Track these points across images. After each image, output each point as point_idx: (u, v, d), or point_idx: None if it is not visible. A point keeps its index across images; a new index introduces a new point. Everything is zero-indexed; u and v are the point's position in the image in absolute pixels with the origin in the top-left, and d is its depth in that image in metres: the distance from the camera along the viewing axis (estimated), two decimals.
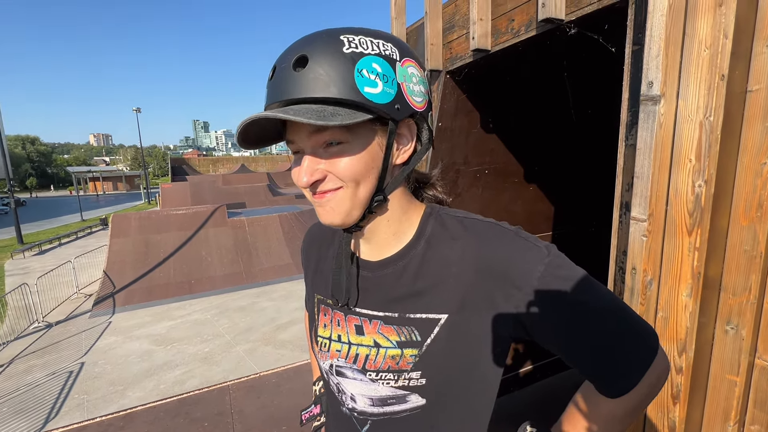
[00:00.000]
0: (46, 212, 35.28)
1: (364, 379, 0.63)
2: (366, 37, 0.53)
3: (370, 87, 0.52)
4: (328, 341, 0.68)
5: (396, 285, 0.61)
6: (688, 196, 0.99)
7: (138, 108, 38.91)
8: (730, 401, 1.14)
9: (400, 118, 0.55)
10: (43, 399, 6.04)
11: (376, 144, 0.56)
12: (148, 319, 9.03)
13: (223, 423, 2.77)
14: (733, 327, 1.10)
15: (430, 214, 0.64)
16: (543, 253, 0.56)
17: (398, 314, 0.61)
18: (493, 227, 0.60)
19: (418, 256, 0.61)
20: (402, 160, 0.59)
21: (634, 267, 1.10)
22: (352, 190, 0.56)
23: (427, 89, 0.61)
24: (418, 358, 0.59)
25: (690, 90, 0.95)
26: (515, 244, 0.57)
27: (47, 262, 13.99)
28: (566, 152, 2.66)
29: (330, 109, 0.51)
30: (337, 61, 0.51)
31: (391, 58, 0.54)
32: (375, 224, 0.62)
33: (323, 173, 0.55)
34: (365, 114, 0.52)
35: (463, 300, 0.58)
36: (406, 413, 0.62)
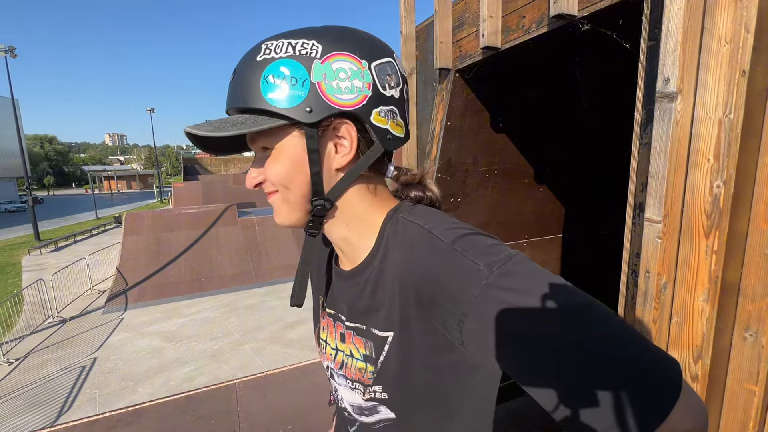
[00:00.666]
0: (62, 210, 36.13)
1: (347, 385, 0.64)
2: (287, 39, 0.52)
3: (273, 92, 0.51)
4: (325, 344, 0.70)
5: (360, 297, 0.60)
6: (706, 197, 0.95)
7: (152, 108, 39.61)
8: (748, 411, 1.10)
9: (314, 120, 0.52)
10: (57, 393, 6.17)
11: (299, 149, 0.54)
12: (159, 316, 9.17)
13: (229, 421, 2.78)
14: (752, 334, 1.06)
15: (390, 218, 0.58)
16: (481, 273, 0.45)
17: (365, 327, 0.59)
18: (428, 238, 0.51)
19: (376, 266, 0.57)
20: (342, 164, 0.56)
21: (647, 270, 1.06)
22: (284, 194, 0.57)
23: (368, 83, 0.53)
24: (375, 374, 0.58)
25: (708, 86, 0.91)
26: (447, 261, 0.48)
27: (62, 259, 14.30)
28: (578, 153, 2.61)
29: (242, 118, 0.53)
30: (250, 70, 0.53)
31: (308, 57, 0.51)
32: (333, 228, 0.60)
33: (261, 177, 0.58)
34: (274, 120, 0.52)
35: (403, 318, 0.53)
36: (381, 425, 0.61)
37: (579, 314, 0.43)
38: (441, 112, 1.99)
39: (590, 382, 0.41)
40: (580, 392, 0.42)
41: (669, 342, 1.07)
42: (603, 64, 1.97)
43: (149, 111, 40.75)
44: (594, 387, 0.41)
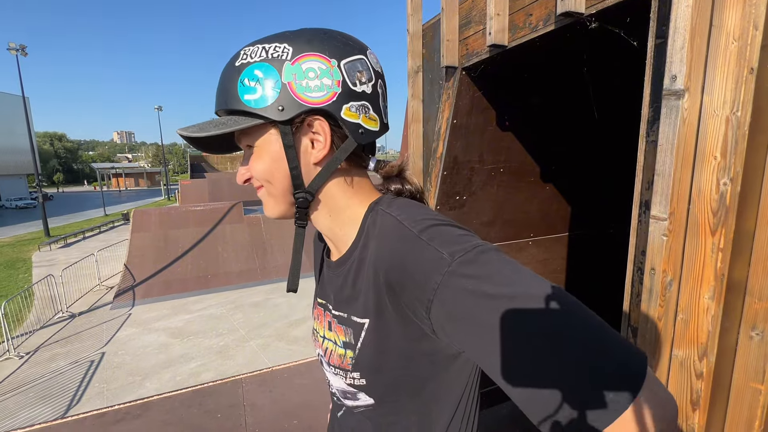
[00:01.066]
0: (71, 207, 36.58)
1: (330, 371, 0.67)
2: (261, 45, 0.57)
3: (249, 94, 0.56)
4: (316, 333, 0.74)
5: (344, 286, 0.63)
6: (712, 195, 0.95)
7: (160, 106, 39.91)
8: (753, 410, 1.09)
9: (285, 118, 0.56)
10: (66, 386, 6.28)
11: (276, 146, 0.58)
12: (166, 312, 9.28)
13: (235, 415, 2.82)
14: (758, 333, 1.05)
15: (371, 210, 0.61)
16: (443, 261, 0.46)
17: (346, 315, 0.62)
18: (397, 227, 0.54)
19: (357, 256, 0.60)
20: (317, 159, 0.59)
21: (653, 267, 1.06)
22: (268, 188, 0.61)
23: (337, 80, 0.56)
24: (354, 360, 0.60)
25: (716, 84, 0.91)
26: (413, 250, 0.50)
27: (72, 255, 14.51)
28: (584, 151, 2.60)
29: (224, 119, 0.58)
30: (229, 75, 0.58)
31: (279, 60, 0.55)
32: (318, 219, 0.65)
33: (248, 173, 0.62)
34: (251, 119, 0.56)
35: (377, 306, 0.55)
36: (362, 409, 0.64)
37: (538, 302, 0.42)
38: (447, 110, 1.99)
39: (543, 369, 0.41)
40: (532, 380, 0.42)
41: (674, 339, 1.07)
42: (610, 62, 1.96)
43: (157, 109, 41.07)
44: (548, 374, 0.41)
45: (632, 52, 1.33)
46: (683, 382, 1.07)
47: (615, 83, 2.17)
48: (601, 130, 2.48)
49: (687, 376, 1.06)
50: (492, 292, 0.44)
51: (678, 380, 1.08)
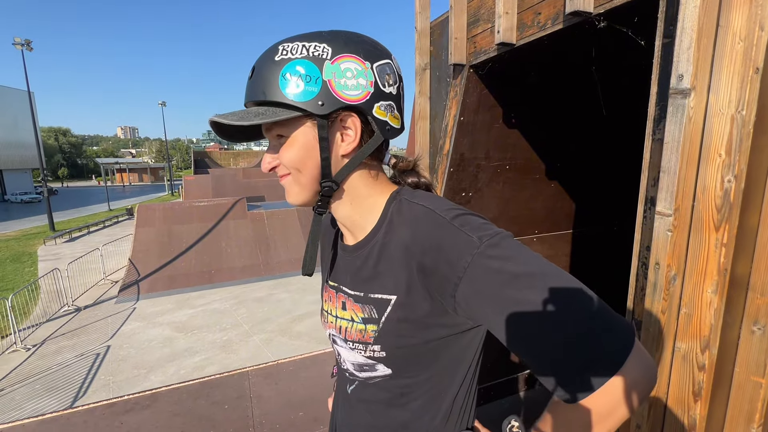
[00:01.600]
0: (76, 201, 36.79)
1: (347, 347, 0.72)
2: (301, 42, 0.60)
3: (292, 88, 0.59)
4: (327, 314, 0.78)
5: (363, 267, 0.68)
6: (717, 192, 0.97)
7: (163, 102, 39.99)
8: (754, 403, 1.12)
9: (325, 112, 0.60)
10: (72, 378, 6.36)
11: (311, 137, 0.62)
12: (170, 307, 9.36)
13: (242, 406, 2.86)
14: (760, 328, 1.08)
15: (394, 198, 0.67)
16: (473, 243, 0.54)
17: (363, 293, 0.67)
18: (429, 214, 0.60)
19: (380, 240, 0.66)
20: (347, 151, 0.64)
21: (657, 262, 1.08)
22: (295, 177, 0.65)
23: (370, 81, 0.62)
24: (377, 333, 0.65)
25: (722, 83, 0.93)
26: (446, 233, 0.57)
27: (77, 249, 14.62)
28: (589, 149, 2.62)
29: (262, 110, 0.61)
30: (269, 68, 0.61)
31: (320, 58, 0.60)
32: (339, 207, 0.69)
33: (276, 161, 0.66)
34: (291, 112, 0.60)
35: (407, 284, 0.61)
36: (378, 379, 0.69)
37: (551, 280, 0.51)
38: (454, 107, 2.01)
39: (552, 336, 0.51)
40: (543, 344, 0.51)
41: (677, 332, 1.10)
42: (617, 61, 1.97)
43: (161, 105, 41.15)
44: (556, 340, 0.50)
45: (639, 52, 1.35)
46: (685, 374, 1.10)
47: (621, 82, 2.18)
48: (606, 128, 2.49)
49: (689, 368, 1.09)
50: (515, 271, 0.52)
51: (680, 372, 1.11)
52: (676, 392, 1.12)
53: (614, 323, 0.51)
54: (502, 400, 2.71)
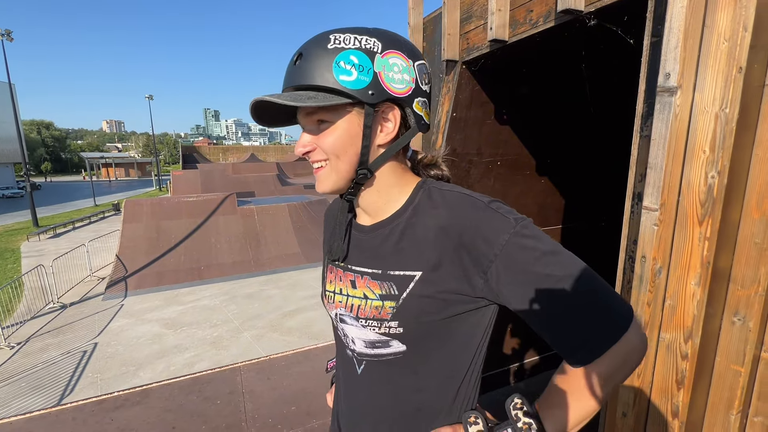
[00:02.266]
0: (60, 196, 35.97)
1: (358, 325, 0.73)
2: (351, 35, 0.64)
3: (345, 75, 0.62)
4: (333, 294, 0.79)
5: (383, 245, 0.71)
6: (701, 187, 1.00)
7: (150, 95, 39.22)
8: (734, 391, 1.16)
9: (374, 102, 0.64)
10: (59, 376, 6.26)
11: (356, 125, 0.65)
12: (159, 303, 9.24)
13: (234, 401, 2.86)
14: (740, 318, 1.12)
15: (421, 187, 0.72)
16: (510, 224, 0.61)
17: (381, 270, 0.70)
18: (468, 199, 0.66)
19: (404, 221, 0.69)
20: (384, 141, 0.68)
21: (644, 255, 1.12)
22: (333, 163, 0.67)
23: (413, 77, 0.67)
24: (395, 309, 0.68)
25: (707, 82, 0.96)
26: (484, 215, 0.62)
27: (61, 245, 14.31)
28: (579, 146, 2.66)
29: (311, 94, 0.63)
30: (321, 55, 0.63)
31: (371, 51, 0.63)
32: (367, 194, 0.72)
33: (313, 146, 0.68)
34: (341, 98, 0.63)
35: (436, 261, 0.65)
36: (391, 356, 0.71)
37: (569, 258, 0.60)
38: (447, 103, 2.03)
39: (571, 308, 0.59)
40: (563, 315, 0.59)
41: (662, 323, 1.14)
42: (607, 60, 2.01)
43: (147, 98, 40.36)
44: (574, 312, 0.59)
45: (628, 51, 1.38)
46: (669, 363, 1.14)
47: (611, 81, 2.22)
48: (596, 125, 2.53)
49: (673, 357, 1.13)
50: (544, 249, 0.60)
51: (664, 361, 1.15)
52: (660, 381, 1.16)
53: (616, 296, 0.61)
54: (493, 392, 2.76)
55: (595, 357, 0.59)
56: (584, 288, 0.59)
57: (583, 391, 0.62)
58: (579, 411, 0.63)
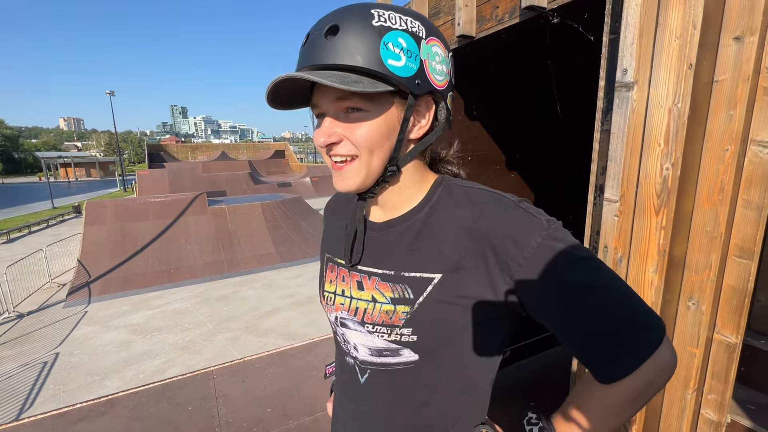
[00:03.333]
0: (13, 199, 33.72)
1: (363, 330, 0.66)
2: (395, 13, 0.56)
3: (394, 60, 0.55)
4: (333, 295, 0.72)
5: (397, 244, 0.64)
6: (656, 178, 1.05)
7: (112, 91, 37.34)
8: (690, 371, 1.23)
9: (420, 93, 0.57)
10: (16, 390, 5.89)
11: (394, 116, 0.58)
12: (126, 309, 8.86)
13: (207, 407, 2.78)
14: (694, 303, 1.19)
15: (440, 183, 0.66)
16: (542, 225, 0.55)
17: (394, 272, 0.63)
18: (495, 197, 0.60)
19: (420, 219, 0.63)
20: (417, 136, 0.62)
21: (606, 245, 1.16)
22: (367, 159, 0.59)
23: (449, 69, 0.62)
24: (409, 315, 0.61)
25: (661, 77, 1.00)
26: (515, 214, 0.57)
27: (17, 251, 13.45)
28: (546, 141, 2.73)
29: (354, 77, 0.54)
30: (366, 32, 0.54)
31: (417, 35, 0.57)
32: (387, 192, 0.66)
33: (340, 137, 0.59)
34: (386, 85, 0.55)
35: (458, 263, 0.59)
36: (400, 366, 0.64)
37: (603, 266, 0.56)
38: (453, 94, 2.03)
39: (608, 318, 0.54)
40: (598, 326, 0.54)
41: None
42: (570, 56, 2.07)
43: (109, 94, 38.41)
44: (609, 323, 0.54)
45: (589, 48, 1.42)
46: None
47: (574, 77, 2.29)
48: (561, 121, 2.61)
49: None
50: (577, 255, 0.55)
51: None
52: None
53: (651, 311, 0.56)
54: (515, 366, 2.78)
55: (628, 373, 0.54)
56: (618, 298, 0.54)
57: (610, 409, 0.57)
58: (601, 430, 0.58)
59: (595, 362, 0.56)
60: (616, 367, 0.54)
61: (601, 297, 0.53)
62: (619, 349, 0.54)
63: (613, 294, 0.54)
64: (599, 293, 0.53)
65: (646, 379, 0.54)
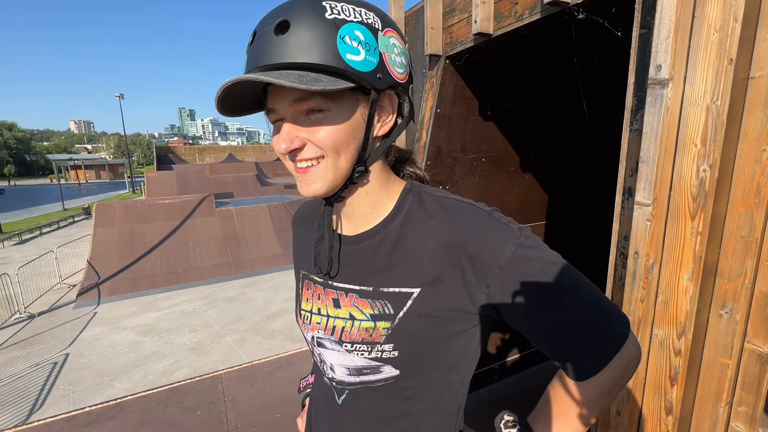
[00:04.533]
0: (25, 201, 34.26)
1: (341, 350, 0.64)
2: (348, 5, 0.53)
3: (353, 54, 0.51)
4: (310, 314, 0.70)
5: (372, 259, 0.62)
6: (692, 181, 0.99)
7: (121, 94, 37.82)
8: (722, 383, 1.17)
9: (382, 87, 0.55)
10: (27, 390, 5.93)
11: (359, 114, 0.56)
12: (135, 310, 8.91)
13: (216, 411, 2.75)
14: (727, 311, 1.12)
15: (409, 190, 0.64)
16: (515, 234, 0.56)
17: (372, 288, 0.62)
18: (468, 207, 0.60)
19: (394, 231, 0.61)
20: (383, 132, 0.60)
21: (636, 251, 1.10)
22: (334, 160, 0.56)
23: (408, 62, 0.60)
24: (390, 330, 0.60)
25: (698, 74, 0.95)
26: (488, 225, 0.57)
27: (28, 252, 13.62)
28: (561, 142, 2.67)
29: (312, 75, 0.50)
30: (320, 26, 0.50)
31: (374, 27, 0.54)
32: (355, 196, 0.62)
33: (302, 141, 0.55)
34: (347, 82, 0.52)
35: (436, 276, 0.58)
36: (381, 382, 0.63)
37: (570, 268, 0.57)
38: (431, 99, 1.99)
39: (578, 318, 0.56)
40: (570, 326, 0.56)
41: (654, 319, 1.12)
42: (591, 54, 2.01)
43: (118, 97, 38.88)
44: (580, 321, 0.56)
45: (613, 44, 1.37)
46: (662, 359, 1.13)
47: (594, 76, 2.23)
48: (579, 121, 2.55)
49: (666, 354, 1.12)
50: (547, 259, 0.56)
51: (657, 358, 1.14)
52: (654, 377, 1.15)
53: (615, 306, 0.59)
54: (480, 390, 2.75)
55: (600, 368, 0.56)
56: (587, 298, 0.56)
57: (584, 404, 0.59)
58: (577, 426, 0.59)
59: (572, 359, 0.57)
60: (591, 364, 0.56)
61: (573, 296, 0.56)
62: (591, 345, 0.56)
63: (584, 293, 0.56)
64: (572, 293, 0.55)
65: (617, 371, 0.57)
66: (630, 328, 0.58)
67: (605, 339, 0.56)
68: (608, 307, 0.57)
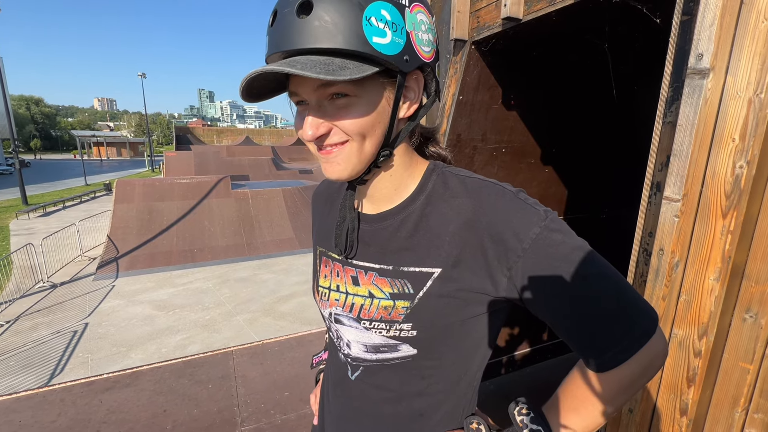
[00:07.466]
0: (50, 175, 35.35)
1: (359, 327, 0.64)
2: None
3: (379, 37, 0.49)
4: (328, 291, 0.70)
5: (393, 238, 0.62)
6: (727, 177, 0.95)
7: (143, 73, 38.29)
8: (740, 388, 1.14)
9: (409, 70, 0.53)
10: (49, 355, 6.21)
11: (384, 98, 0.54)
12: (151, 285, 9.17)
13: (226, 386, 2.83)
14: (752, 315, 1.09)
15: (432, 170, 0.63)
16: (540, 216, 0.54)
17: (392, 267, 0.61)
18: (493, 187, 0.58)
19: (416, 211, 0.61)
20: (408, 114, 0.58)
21: (661, 248, 1.07)
22: (359, 145, 0.55)
23: (435, 37, 0.57)
24: (409, 310, 0.60)
25: (742, 64, 0.90)
26: (513, 205, 0.56)
27: (51, 224, 14.09)
28: (585, 136, 2.60)
29: (338, 62, 0.48)
30: (344, 7, 0.47)
31: (400, 4, 0.51)
32: (378, 178, 0.62)
33: (328, 127, 0.54)
34: (373, 66, 0.50)
35: (457, 256, 0.57)
36: (397, 360, 0.63)
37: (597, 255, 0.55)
38: (453, 86, 1.95)
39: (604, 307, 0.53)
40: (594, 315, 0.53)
41: (675, 319, 1.09)
42: (625, 43, 1.93)
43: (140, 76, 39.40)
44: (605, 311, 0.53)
45: (649, 32, 1.30)
46: (681, 360, 1.10)
47: (627, 66, 2.14)
48: (604, 114, 2.47)
49: (685, 354, 1.09)
50: (573, 244, 0.54)
51: (676, 358, 1.11)
52: (670, 377, 1.13)
53: (644, 299, 0.56)
54: (487, 382, 2.76)
55: (623, 361, 0.53)
56: (613, 287, 0.53)
57: (602, 397, 0.56)
58: (593, 419, 0.57)
59: (593, 349, 0.55)
60: (613, 356, 0.54)
61: (599, 284, 0.53)
62: (615, 336, 0.53)
63: (611, 282, 0.54)
64: (597, 281, 0.53)
65: (641, 366, 0.55)
66: (658, 324, 0.55)
67: (630, 331, 0.53)
68: (637, 299, 0.54)
